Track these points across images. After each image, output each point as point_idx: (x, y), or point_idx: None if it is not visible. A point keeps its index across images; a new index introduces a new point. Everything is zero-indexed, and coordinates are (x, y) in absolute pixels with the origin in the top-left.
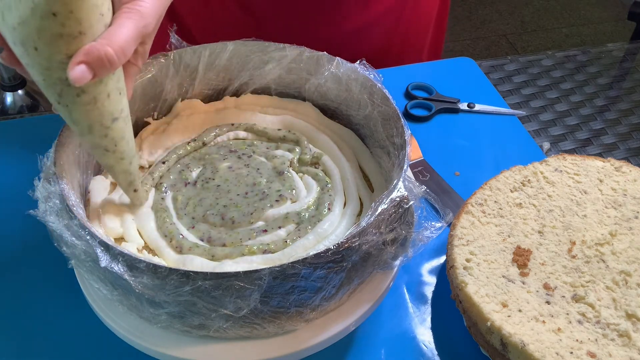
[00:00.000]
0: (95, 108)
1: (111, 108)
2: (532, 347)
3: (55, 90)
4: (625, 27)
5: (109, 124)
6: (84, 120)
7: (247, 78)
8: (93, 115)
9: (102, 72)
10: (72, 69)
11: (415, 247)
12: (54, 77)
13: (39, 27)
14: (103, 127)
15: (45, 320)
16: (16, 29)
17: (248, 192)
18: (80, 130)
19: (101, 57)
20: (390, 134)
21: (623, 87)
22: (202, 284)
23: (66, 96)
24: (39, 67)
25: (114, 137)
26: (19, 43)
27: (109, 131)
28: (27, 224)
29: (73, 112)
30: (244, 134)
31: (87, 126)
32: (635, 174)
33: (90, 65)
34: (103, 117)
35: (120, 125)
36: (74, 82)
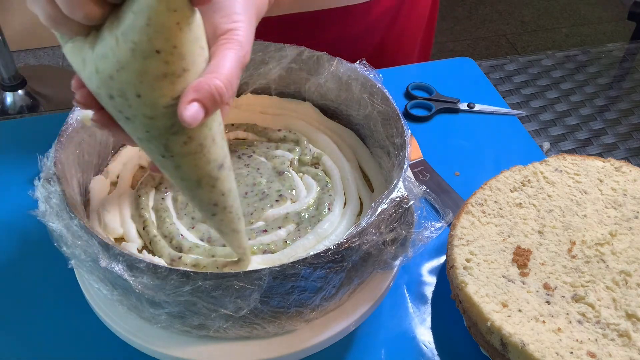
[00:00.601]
0: (202, 156)
1: (217, 154)
2: (532, 347)
3: (160, 142)
4: (625, 27)
5: (216, 173)
6: (192, 173)
7: (247, 78)
8: (201, 165)
9: (213, 108)
10: (185, 109)
11: (415, 247)
12: (160, 127)
13: (141, 70)
14: (211, 178)
15: (45, 320)
16: (114, 78)
17: (248, 192)
18: (189, 185)
19: (212, 92)
20: (390, 134)
21: (623, 87)
22: (202, 284)
23: (173, 147)
24: (142, 117)
25: (222, 188)
26: (117, 94)
27: (217, 182)
28: (27, 224)
29: (181, 164)
30: (244, 134)
31: (195, 180)
32: (635, 174)
33: (202, 102)
34: (210, 165)
35: (227, 173)
36: (188, 122)
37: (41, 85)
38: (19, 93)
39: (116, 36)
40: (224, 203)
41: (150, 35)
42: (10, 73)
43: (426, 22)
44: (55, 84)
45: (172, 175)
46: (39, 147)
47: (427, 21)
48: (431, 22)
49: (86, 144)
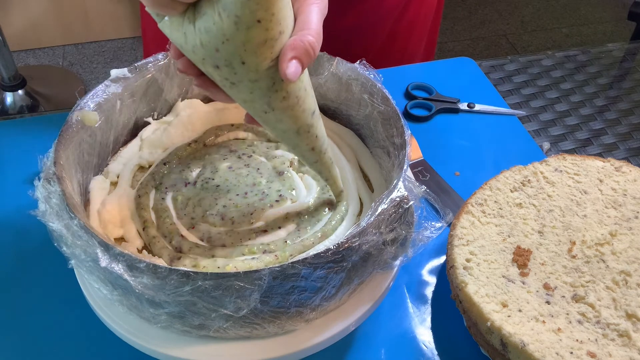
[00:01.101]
0: (299, 107)
1: (309, 103)
2: (532, 347)
3: (263, 101)
4: (625, 27)
5: (310, 120)
6: (292, 123)
7: None
8: (298, 114)
9: (308, 62)
10: (286, 67)
11: (415, 247)
12: (262, 87)
13: (245, 40)
14: (307, 125)
15: (45, 320)
16: (220, 50)
17: (248, 192)
18: (290, 135)
19: (306, 47)
20: (390, 134)
21: (623, 87)
22: (202, 284)
23: (274, 103)
24: (246, 82)
25: (316, 132)
26: (223, 64)
27: (311, 128)
28: (27, 224)
29: (282, 118)
30: (244, 134)
31: (295, 129)
32: (635, 174)
33: (299, 58)
34: (305, 114)
35: (318, 119)
36: (290, 78)
37: (41, 85)
38: (19, 93)
39: (218, 11)
40: (320, 147)
41: (251, 7)
42: (10, 73)
43: (431, 21)
44: (55, 84)
45: (274, 128)
46: (39, 147)
47: (432, 20)
48: (435, 21)
49: (86, 144)
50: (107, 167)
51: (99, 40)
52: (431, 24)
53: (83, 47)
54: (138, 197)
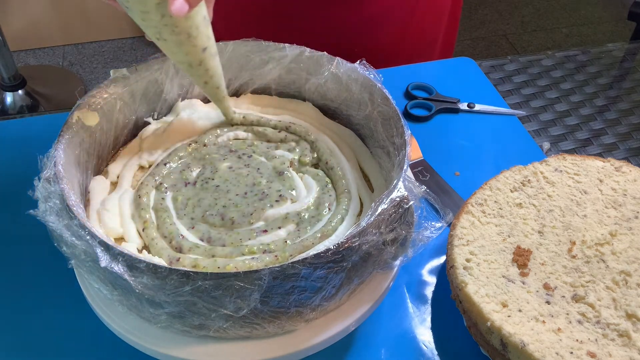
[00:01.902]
0: (189, 42)
1: (201, 40)
2: (532, 347)
3: (156, 30)
4: (625, 27)
5: (201, 56)
6: (183, 56)
7: (247, 78)
8: (188, 49)
9: (196, 2)
10: (172, 3)
11: (415, 247)
12: (152, 19)
13: None
14: (198, 60)
15: (45, 320)
16: None
17: (247, 192)
18: (183, 67)
19: None
20: (390, 134)
21: (623, 87)
22: (202, 284)
23: (164, 34)
24: (138, 12)
25: (207, 67)
26: None
27: (202, 62)
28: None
29: (174, 49)
30: (244, 134)
31: (187, 62)
32: (635, 174)
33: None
34: (196, 49)
35: (211, 55)
36: (175, 14)
37: (41, 85)
38: (19, 93)
39: None
40: (211, 81)
41: None
42: (10, 73)
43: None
44: (55, 84)
45: (169, 56)
46: (39, 147)
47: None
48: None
49: (86, 144)
50: (107, 167)
51: (99, 40)
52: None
53: (83, 47)
54: (138, 197)
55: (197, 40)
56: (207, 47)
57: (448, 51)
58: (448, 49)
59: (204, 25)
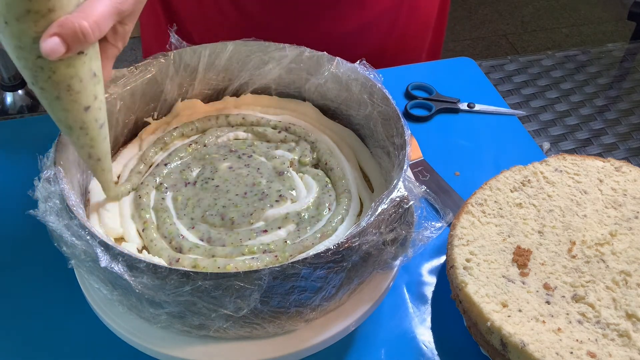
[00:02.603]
0: (68, 96)
1: (85, 96)
2: (532, 347)
3: (30, 73)
4: (625, 27)
5: (82, 116)
6: (61, 113)
7: (247, 78)
8: (67, 106)
9: (75, 46)
10: (44, 40)
11: (415, 247)
12: (27, 58)
13: (7, 1)
14: (80, 121)
15: (45, 320)
16: None
17: (247, 192)
18: (57, 117)
19: (75, 30)
20: (390, 134)
21: (623, 87)
22: (202, 284)
23: (40, 81)
24: (12, 45)
25: (89, 133)
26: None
27: (84, 125)
28: (27, 224)
29: (51, 103)
30: (244, 134)
31: (65, 121)
32: (635, 174)
33: (64, 37)
34: (76, 107)
35: (95, 117)
36: (46, 54)
37: None
38: (19, 93)
39: None
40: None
41: None
42: (10, 73)
43: (434, 25)
44: None
45: (46, 108)
46: (39, 147)
47: (435, 23)
48: (440, 24)
49: None
50: None
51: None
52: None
53: None
54: (138, 197)
55: (78, 96)
56: (90, 106)
57: (435, 54)
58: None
59: (90, 80)
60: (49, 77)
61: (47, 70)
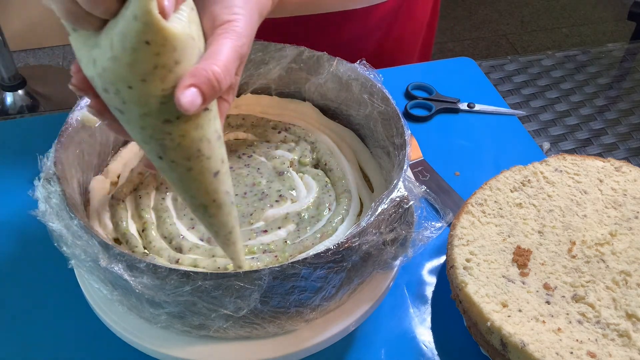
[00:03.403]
0: (197, 159)
1: (214, 160)
2: (532, 347)
3: (158, 143)
4: (625, 27)
5: (212, 181)
6: (189, 177)
7: (247, 78)
8: (197, 172)
9: (210, 95)
10: (181, 94)
11: (415, 247)
12: (155, 126)
13: (131, 61)
14: (212, 191)
15: (45, 320)
16: (106, 69)
17: (247, 192)
18: (189, 194)
19: (209, 76)
20: (390, 134)
21: (623, 87)
22: (202, 284)
23: (169, 147)
24: (136, 114)
25: (220, 202)
26: (110, 87)
27: (215, 194)
28: (27, 224)
29: (177, 168)
30: (244, 134)
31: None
32: (635, 174)
33: (199, 87)
34: (207, 173)
35: (224, 180)
36: (186, 108)
37: (41, 85)
38: (19, 93)
39: (112, 29)
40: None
41: (138, 27)
42: (10, 73)
43: (426, 26)
44: (55, 84)
45: (172, 183)
46: (39, 147)
47: (427, 24)
48: (431, 25)
49: (86, 144)
50: (107, 167)
51: None
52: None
53: None
54: (138, 198)
55: (209, 162)
56: (219, 171)
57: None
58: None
59: (217, 142)
60: (179, 143)
61: (175, 136)
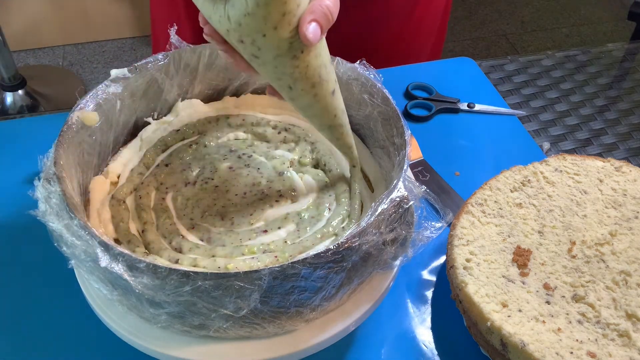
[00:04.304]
0: (320, 85)
1: (331, 81)
2: (532, 347)
3: (289, 77)
4: (625, 27)
5: (330, 100)
6: (314, 100)
7: (247, 78)
8: (321, 96)
9: (327, 26)
10: (306, 29)
11: (415, 247)
12: (285, 63)
13: (265, 13)
14: (331, 106)
15: (45, 320)
16: (242, 24)
17: (247, 192)
18: (313, 113)
19: (325, 11)
20: (390, 134)
21: (623, 87)
22: (202, 284)
23: (298, 79)
24: (271, 56)
25: (336, 112)
26: (247, 38)
27: (330, 107)
28: (27, 224)
29: (304, 95)
30: (244, 134)
31: (319, 107)
32: (635, 174)
33: (318, 20)
34: (327, 92)
35: (338, 98)
36: (310, 40)
37: (41, 85)
38: (19, 93)
39: None
40: (340, 123)
41: None
42: (10, 73)
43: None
44: (55, 84)
45: (298, 104)
46: (39, 147)
47: (440, 19)
48: (443, 22)
49: (86, 144)
50: (107, 167)
51: (99, 40)
52: (439, 22)
53: (83, 47)
54: (139, 198)
55: (328, 84)
56: (334, 89)
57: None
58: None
59: (331, 65)
60: (305, 73)
61: (302, 68)
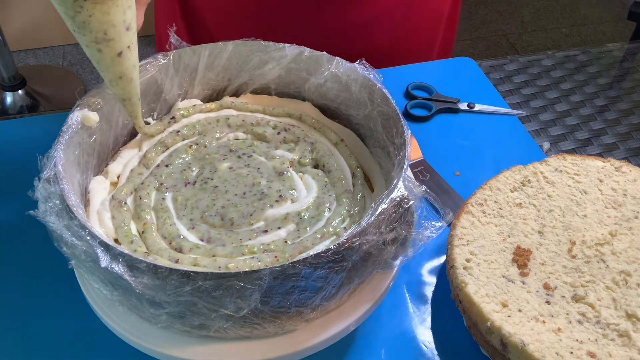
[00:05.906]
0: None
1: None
2: (532, 347)
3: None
4: (625, 27)
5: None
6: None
7: (247, 78)
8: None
9: None
10: None
11: (415, 247)
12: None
13: None
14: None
15: (45, 321)
16: None
17: (246, 192)
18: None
19: None
20: (390, 134)
21: (623, 87)
22: (203, 284)
23: (81, 27)
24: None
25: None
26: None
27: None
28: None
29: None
30: (243, 135)
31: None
32: (635, 174)
33: None
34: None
35: (125, 60)
36: None
37: (41, 85)
38: (19, 93)
39: None
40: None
41: None
42: (10, 73)
43: (445, 22)
44: (55, 84)
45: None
46: (39, 147)
47: (446, 21)
48: (451, 22)
49: (86, 144)
50: (107, 167)
51: None
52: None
53: None
54: (139, 198)
55: (115, 43)
56: (122, 51)
57: (446, 52)
58: (446, 49)
59: (123, 29)
60: (88, 23)
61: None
